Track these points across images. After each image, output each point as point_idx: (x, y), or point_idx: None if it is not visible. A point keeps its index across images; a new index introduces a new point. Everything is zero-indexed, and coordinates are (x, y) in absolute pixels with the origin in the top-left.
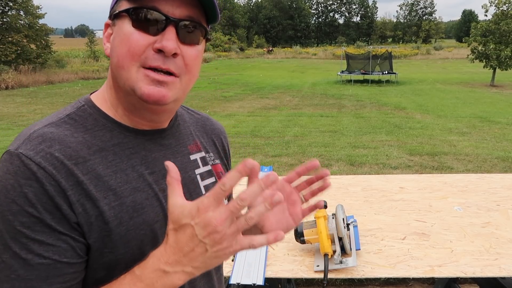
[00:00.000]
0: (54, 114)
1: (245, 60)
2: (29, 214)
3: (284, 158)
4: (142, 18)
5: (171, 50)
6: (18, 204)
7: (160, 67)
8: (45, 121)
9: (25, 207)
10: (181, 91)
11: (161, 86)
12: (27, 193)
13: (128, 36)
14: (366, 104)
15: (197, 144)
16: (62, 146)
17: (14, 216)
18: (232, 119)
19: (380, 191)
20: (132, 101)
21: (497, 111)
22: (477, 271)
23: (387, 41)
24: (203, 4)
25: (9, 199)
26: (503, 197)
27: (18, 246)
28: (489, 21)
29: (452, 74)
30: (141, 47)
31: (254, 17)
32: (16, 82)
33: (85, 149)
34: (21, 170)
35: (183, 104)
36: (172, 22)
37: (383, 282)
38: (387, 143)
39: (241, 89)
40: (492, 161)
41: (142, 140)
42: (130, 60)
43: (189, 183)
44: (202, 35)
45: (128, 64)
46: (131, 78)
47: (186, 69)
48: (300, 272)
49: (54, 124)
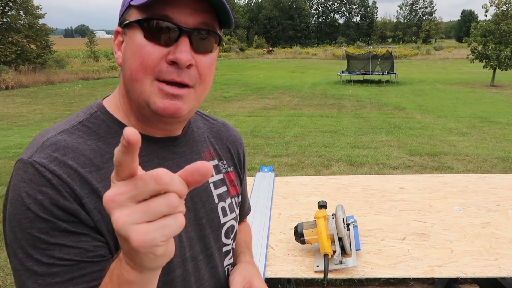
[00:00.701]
0: (67, 120)
1: (245, 60)
2: (46, 220)
3: (284, 158)
4: (154, 29)
5: (186, 62)
6: (34, 211)
7: (174, 80)
8: (58, 128)
9: (41, 214)
10: (196, 102)
11: (175, 100)
12: (43, 200)
13: (141, 48)
14: (366, 104)
15: (210, 151)
16: (76, 154)
17: (31, 223)
18: (232, 119)
19: (380, 191)
20: (145, 113)
21: (497, 111)
22: (477, 271)
23: (387, 41)
24: (215, 9)
25: (25, 207)
26: (503, 197)
27: (39, 252)
28: (489, 21)
29: (452, 74)
30: (154, 60)
31: (254, 17)
32: (16, 82)
33: (99, 157)
34: (36, 177)
35: (198, 110)
36: (185, 32)
37: (383, 282)
38: (387, 143)
39: (241, 89)
40: (492, 161)
41: (155, 148)
42: (144, 73)
43: (202, 192)
44: (215, 42)
45: (142, 77)
46: (145, 91)
47: (200, 79)
48: (300, 272)
49: (68, 132)
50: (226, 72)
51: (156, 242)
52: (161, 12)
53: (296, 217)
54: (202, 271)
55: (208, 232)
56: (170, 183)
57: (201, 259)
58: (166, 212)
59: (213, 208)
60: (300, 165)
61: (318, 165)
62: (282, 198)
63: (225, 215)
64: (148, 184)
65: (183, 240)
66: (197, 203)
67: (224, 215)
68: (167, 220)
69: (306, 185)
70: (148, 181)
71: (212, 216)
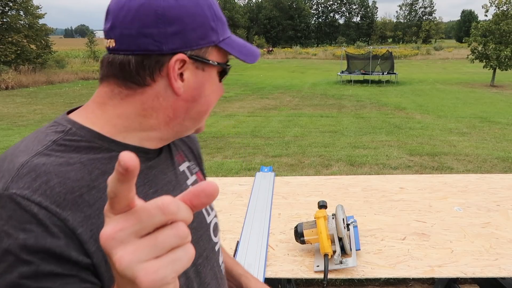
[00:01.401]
0: (34, 139)
1: None
2: (29, 263)
3: (284, 158)
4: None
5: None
6: (15, 253)
7: None
8: (29, 150)
9: (23, 256)
10: None
11: None
12: (26, 240)
13: (219, 89)
14: (366, 105)
15: (180, 153)
16: (61, 178)
17: (11, 268)
18: (232, 119)
19: (380, 191)
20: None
21: (497, 111)
22: (477, 271)
23: (387, 41)
24: None
25: (3, 249)
26: (503, 197)
27: None
28: (489, 21)
29: (452, 74)
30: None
31: (254, 17)
32: (16, 83)
33: (86, 175)
34: (17, 213)
35: None
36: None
37: (383, 282)
38: (387, 143)
39: (241, 89)
40: (492, 162)
41: (143, 159)
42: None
43: None
44: None
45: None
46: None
47: None
48: (300, 272)
49: (43, 154)
50: None
51: (167, 279)
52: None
53: (296, 217)
54: (203, 275)
55: (201, 234)
56: (177, 212)
57: (200, 263)
58: (175, 244)
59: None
60: (300, 165)
61: (318, 165)
62: (282, 198)
63: (208, 214)
64: (153, 216)
65: None
66: None
67: (208, 214)
68: (177, 253)
69: (306, 185)
70: (154, 213)
71: (200, 218)
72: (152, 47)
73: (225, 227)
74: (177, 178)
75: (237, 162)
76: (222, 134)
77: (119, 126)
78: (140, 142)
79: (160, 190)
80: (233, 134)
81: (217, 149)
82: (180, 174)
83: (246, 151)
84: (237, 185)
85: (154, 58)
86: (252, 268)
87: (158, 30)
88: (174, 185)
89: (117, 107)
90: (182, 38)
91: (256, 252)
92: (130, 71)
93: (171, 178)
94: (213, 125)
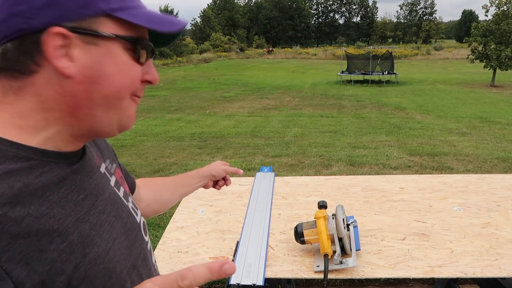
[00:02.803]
0: None
1: (245, 61)
2: None
3: (284, 158)
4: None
5: (158, 81)
6: None
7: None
8: None
9: None
10: None
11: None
12: None
13: (129, 67)
14: (366, 105)
15: (97, 155)
16: None
17: None
18: (232, 119)
19: (380, 191)
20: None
21: (497, 112)
22: (477, 271)
23: (387, 41)
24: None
25: None
26: (503, 197)
27: None
28: (490, 21)
29: (452, 74)
30: (137, 79)
31: (254, 17)
32: None
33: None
34: None
35: None
36: (154, 53)
37: (383, 282)
38: (387, 144)
39: (241, 90)
40: (492, 162)
41: (65, 164)
42: (128, 91)
43: (116, 198)
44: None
45: (126, 95)
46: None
47: None
48: (300, 272)
49: None
50: (226, 72)
51: None
52: (143, 34)
53: (296, 217)
54: (144, 276)
55: (135, 235)
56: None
57: (139, 264)
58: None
59: (128, 211)
60: (300, 165)
61: (318, 165)
62: (282, 198)
63: (136, 214)
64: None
65: (122, 252)
66: (118, 209)
67: (136, 214)
68: None
69: (306, 185)
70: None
71: (132, 219)
72: (23, 26)
73: (225, 227)
74: (102, 179)
75: (237, 162)
76: (222, 134)
77: (25, 127)
78: (54, 144)
79: (90, 195)
80: (233, 134)
81: (217, 149)
82: (103, 176)
83: (246, 151)
84: (237, 185)
85: (30, 38)
86: (252, 268)
87: (27, 4)
88: (102, 187)
89: (14, 104)
90: (55, 8)
91: (256, 252)
92: (12, 60)
93: (98, 181)
94: (213, 125)
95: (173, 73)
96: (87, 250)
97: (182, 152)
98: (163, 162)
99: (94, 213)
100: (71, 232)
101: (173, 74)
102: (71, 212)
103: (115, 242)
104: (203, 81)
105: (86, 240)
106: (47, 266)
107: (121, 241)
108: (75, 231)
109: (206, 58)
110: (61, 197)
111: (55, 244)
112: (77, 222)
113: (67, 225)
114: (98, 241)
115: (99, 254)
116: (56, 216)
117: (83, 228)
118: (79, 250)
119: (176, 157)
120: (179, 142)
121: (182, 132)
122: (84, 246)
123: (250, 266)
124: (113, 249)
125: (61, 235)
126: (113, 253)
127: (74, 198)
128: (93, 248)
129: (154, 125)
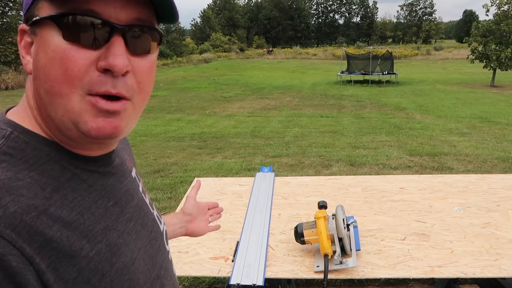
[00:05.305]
0: None
1: (245, 61)
2: None
3: (284, 158)
4: (77, 27)
5: (122, 69)
6: None
7: (109, 92)
8: None
9: None
10: (135, 115)
11: (112, 117)
12: None
13: (61, 53)
14: (366, 105)
15: (129, 159)
16: (14, 195)
17: None
18: (232, 119)
19: (380, 191)
20: (71, 134)
21: (497, 112)
22: (477, 271)
23: (387, 41)
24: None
25: None
26: (503, 197)
27: None
28: (490, 21)
29: (452, 74)
30: (81, 68)
31: (254, 17)
32: (16, 83)
33: (40, 192)
34: None
35: None
36: (118, 31)
37: (383, 282)
38: (387, 144)
39: (241, 90)
40: (492, 162)
41: (95, 168)
42: (70, 86)
43: (143, 205)
44: (155, 40)
45: (68, 91)
46: (73, 109)
47: (139, 87)
48: (300, 272)
49: None
50: (226, 72)
51: None
52: (84, 5)
53: (296, 217)
54: (166, 287)
55: (158, 244)
56: None
57: (162, 274)
58: None
59: (153, 219)
60: (300, 166)
61: (318, 165)
62: (282, 198)
63: (160, 222)
64: None
65: (147, 262)
66: (144, 217)
67: (160, 222)
68: None
69: (306, 186)
70: None
71: (156, 227)
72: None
73: (225, 227)
74: (133, 185)
75: (237, 162)
76: (222, 134)
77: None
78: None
79: (119, 201)
80: (233, 134)
81: (217, 149)
82: (133, 181)
83: (246, 151)
84: (237, 185)
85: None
86: (252, 268)
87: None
88: (131, 193)
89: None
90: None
91: (256, 252)
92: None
93: (128, 186)
94: (213, 125)
95: (173, 73)
96: (114, 260)
97: (182, 152)
98: (163, 162)
99: (122, 221)
100: (100, 240)
101: (173, 74)
102: (100, 219)
103: (140, 252)
104: (203, 81)
105: (114, 249)
106: (74, 274)
107: (145, 250)
108: (103, 239)
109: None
110: (91, 202)
111: (85, 251)
112: (105, 230)
113: (96, 233)
114: (124, 250)
115: (125, 264)
116: (86, 222)
117: (111, 236)
118: (106, 259)
119: (176, 157)
120: (179, 142)
121: (182, 132)
122: (112, 255)
123: (250, 266)
124: (138, 260)
125: (90, 242)
126: (137, 263)
127: (104, 204)
128: (119, 258)
129: (154, 125)
